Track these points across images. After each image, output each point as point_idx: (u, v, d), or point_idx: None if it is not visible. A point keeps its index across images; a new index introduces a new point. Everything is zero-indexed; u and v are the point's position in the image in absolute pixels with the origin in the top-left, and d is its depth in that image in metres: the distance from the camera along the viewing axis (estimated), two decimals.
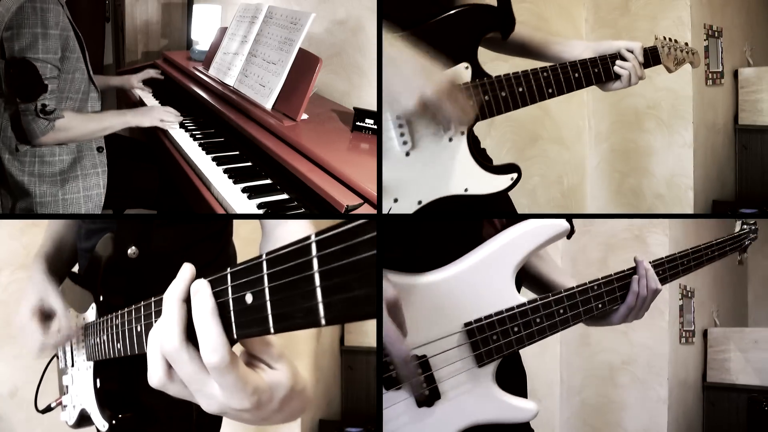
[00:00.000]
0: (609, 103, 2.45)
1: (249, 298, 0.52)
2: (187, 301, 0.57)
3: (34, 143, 1.59)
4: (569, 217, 1.03)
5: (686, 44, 1.30)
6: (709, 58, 2.29)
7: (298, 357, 0.68)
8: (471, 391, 0.93)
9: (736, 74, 2.40)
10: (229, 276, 0.55)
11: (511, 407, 0.96)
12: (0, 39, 1.50)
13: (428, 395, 0.90)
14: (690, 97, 2.23)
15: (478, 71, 1.06)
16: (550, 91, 1.13)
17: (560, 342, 2.50)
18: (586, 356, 2.46)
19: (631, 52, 1.19)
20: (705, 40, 2.25)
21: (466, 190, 1.07)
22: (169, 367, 0.58)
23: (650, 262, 1.13)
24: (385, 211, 1.03)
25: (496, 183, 1.09)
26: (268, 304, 0.50)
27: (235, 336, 0.54)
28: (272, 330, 0.51)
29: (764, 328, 2.62)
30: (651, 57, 1.24)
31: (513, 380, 1.00)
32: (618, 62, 1.19)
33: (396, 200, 1.03)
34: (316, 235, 0.46)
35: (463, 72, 1.05)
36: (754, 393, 2.38)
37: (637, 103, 2.37)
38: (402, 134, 1.02)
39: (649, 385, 2.31)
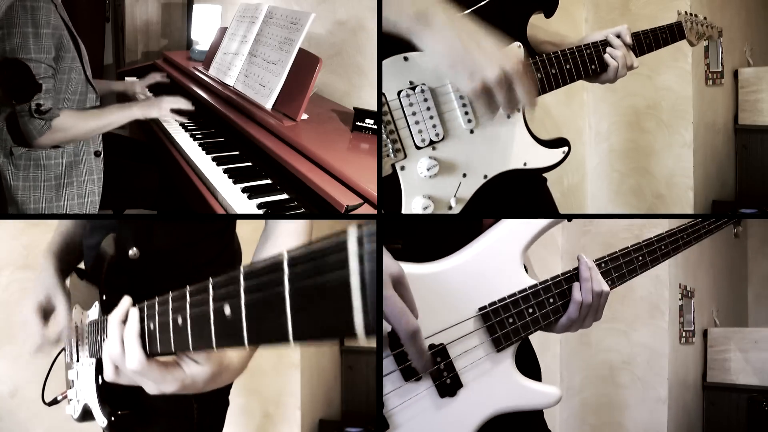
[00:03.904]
0: (609, 103, 2.45)
1: (179, 320, 0.65)
2: (125, 322, 0.76)
3: (33, 144, 1.56)
4: (567, 217, 1.03)
5: (705, 18, 1.38)
6: (709, 58, 2.29)
7: None
8: (493, 377, 0.92)
9: (736, 74, 2.40)
10: (146, 306, 0.73)
11: (534, 392, 0.95)
12: None
13: (450, 383, 0.89)
14: (690, 97, 2.23)
15: (529, 50, 1.10)
16: (593, 67, 1.18)
17: (560, 342, 2.49)
18: (586, 356, 2.46)
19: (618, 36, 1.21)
20: (705, 40, 2.25)
21: (525, 164, 1.12)
22: (117, 367, 0.78)
23: (654, 236, 1.12)
24: (454, 186, 1.05)
25: (551, 156, 1.15)
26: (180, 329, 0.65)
27: (155, 351, 0.72)
28: (173, 350, 0.67)
29: (764, 328, 2.62)
30: (677, 31, 1.31)
31: (528, 368, 1.00)
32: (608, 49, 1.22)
33: (465, 175, 1.07)
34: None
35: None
36: (754, 393, 2.38)
37: (637, 103, 2.37)
38: (466, 113, 1.05)
39: (649, 385, 2.31)
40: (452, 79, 1.02)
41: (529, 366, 1.02)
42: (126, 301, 0.78)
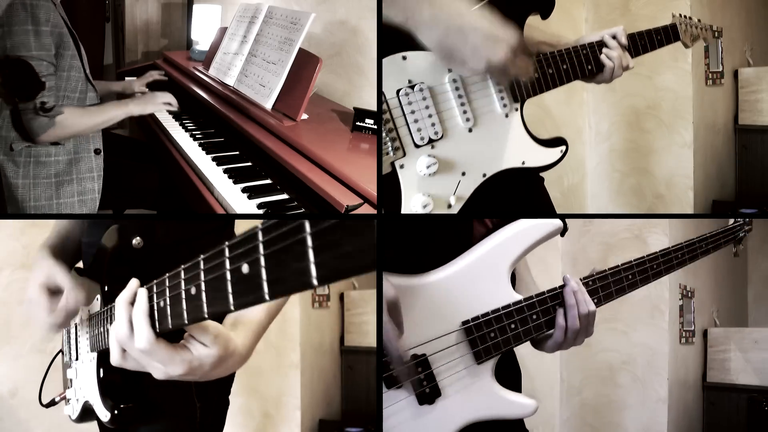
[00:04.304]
0: (609, 103, 2.45)
1: (189, 291, 0.65)
2: (133, 303, 0.76)
3: (36, 141, 1.58)
4: (567, 217, 1.03)
5: (699, 20, 1.39)
6: (709, 58, 2.29)
7: (239, 326, 0.87)
8: (471, 387, 0.94)
9: (736, 74, 2.40)
10: (155, 285, 0.73)
11: (510, 403, 0.97)
12: None
13: (429, 392, 0.91)
14: (690, 97, 2.23)
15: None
16: (589, 67, 1.19)
17: None
18: (586, 356, 2.46)
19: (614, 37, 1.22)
20: (702, 41, 2.25)
21: (523, 162, 1.13)
22: (124, 350, 0.78)
23: (647, 255, 1.11)
24: (454, 184, 1.06)
25: (549, 155, 1.15)
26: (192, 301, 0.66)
27: (165, 327, 0.71)
28: (186, 321, 0.66)
29: (764, 328, 2.61)
30: (672, 33, 1.32)
31: (509, 378, 1.01)
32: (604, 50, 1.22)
33: (464, 174, 1.07)
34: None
35: None
36: (754, 393, 2.37)
37: (637, 103, 2.36)
38: (464, 112, 1.06)
39: (649, 385, 2.31)
40: (452, 64, 1.02)
41: (509, 374, 1.03)
42: (134, 282, 0.78)
